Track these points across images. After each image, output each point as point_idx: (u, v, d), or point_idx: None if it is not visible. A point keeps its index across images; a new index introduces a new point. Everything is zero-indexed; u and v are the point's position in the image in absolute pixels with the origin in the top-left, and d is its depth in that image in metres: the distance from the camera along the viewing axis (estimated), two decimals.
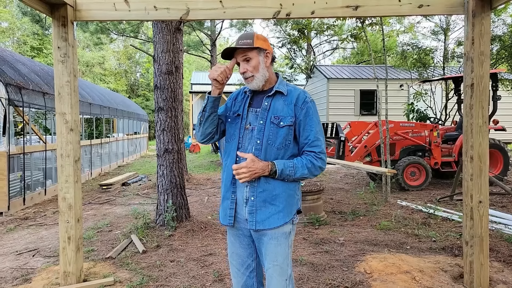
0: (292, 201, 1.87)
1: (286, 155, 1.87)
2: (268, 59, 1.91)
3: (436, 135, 7.43)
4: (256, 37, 1.88)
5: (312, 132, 1.85)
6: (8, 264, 3.88)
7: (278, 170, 1.79)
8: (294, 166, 1.81)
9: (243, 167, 1.78)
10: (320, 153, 1.85)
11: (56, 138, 3.20)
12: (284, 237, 1.84)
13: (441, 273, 3.25)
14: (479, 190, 2.99)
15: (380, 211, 5.46)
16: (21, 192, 6.68)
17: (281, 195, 1.84)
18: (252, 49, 1.87)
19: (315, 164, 1.83)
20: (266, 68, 1.90)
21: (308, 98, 1.90)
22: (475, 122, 2.99)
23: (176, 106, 4.81)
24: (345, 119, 12.10)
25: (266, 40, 1.93)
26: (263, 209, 1.83)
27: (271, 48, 1.94)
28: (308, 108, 1.86)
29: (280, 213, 1.83)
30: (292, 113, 1.86)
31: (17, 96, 6.59)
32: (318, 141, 1.85)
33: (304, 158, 1.84)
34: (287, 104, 1.87)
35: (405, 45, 11.03)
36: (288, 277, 1.85)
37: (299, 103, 1.87)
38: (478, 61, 2.96)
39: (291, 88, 1.93)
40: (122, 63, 36.01)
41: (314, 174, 1.85)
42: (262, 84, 1.91)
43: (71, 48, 3.15)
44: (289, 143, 1.86)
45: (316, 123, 1.88)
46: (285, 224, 1.83)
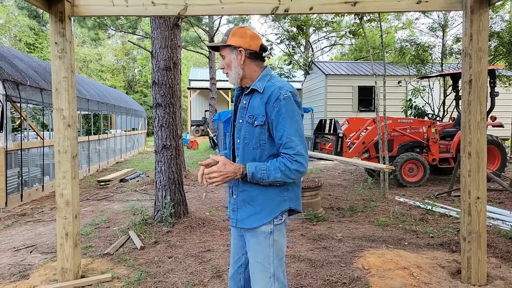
0: (272, 203, 1.81)
1: (264, 155, 1.81)
2: (241, 56, 1.82)
3: (434, 132, 7.44)
4: (232, 34, 1.84)
5: (284, 132, 1.73)
6: (5, 260, 3.87)
7: (248, 173, 1.75)
8: (266, 169, 1.74)
9: (214, 171, 1.76)
10: (295, 155, 1.71)
11: (54, 134, 3.18)
12: (263, 237, 1.82)
13: (439, 269, 3.26)
14: (477, 186, 2.99)
15: (378, 207, 5.47)
16: (19, 188, 6.66)
17: (259, 197, 1.81)
18: (225, 47, 1.85)
19: (290, 167, 1.72)
20: (241, 65, 1.84)
21: (283, 95, 1.74)
22: (473, 119, 2.99)
23: (174, 102, 4.79)
24: (343, 115, 12.10)
25: (245, 36, 1.83)
26: (243, 208, 1.85)
27: (250, 44, 1.83)
28: (281, 106, 1.73)
29: (258, 215, 1.82)
30: (264, 112, 1.77)
31: (14, 92, 6.56)
32: (291, 142, 1.72)
33: (278, 161, 1.75)
34: (262, 102, 1.78)
35: (404, 42, 11.02)
36: (272, 275, 1.82)
37: (271, 101, 1.76)
38: (476, 57, 2.96)
39: (269, 84, 1.81)
40: (120, 59, 35.86)
41: (291, 178, 1.74)
42: (238, 81, 1.88)
43: (69, 43, 3.13)
44: (264, 143, 1.80)
45: (290, 123, 1.73)
46: (263, 225, 1.81)
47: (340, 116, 11.89)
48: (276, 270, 1.83)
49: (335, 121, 7.48)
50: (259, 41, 1.87)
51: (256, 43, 1.85)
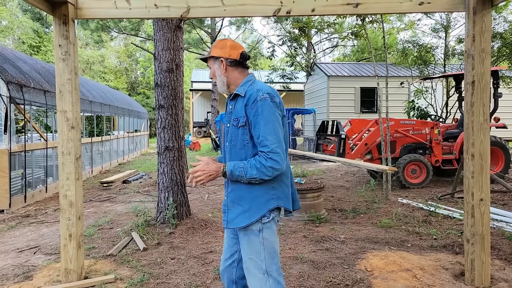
0: (259, 201, 1.90)
1: (249, 155, 1.91)
2: (222, 65, 2.00)
3: (437, 133, 7.42)
4: (214, 46, 2.05)
5: (260, 132, 1.84)
6: (9, 261, 3.89)
7: (227, 171, 1.87)
8: (244, 167, 1.84)
9: (198, 170, 1.90)
10: (270, 153, 1.81)
11: (57, 135, 3.20)
12: (253, 235, 1.91)
13: (442, 270, 3.25)
14: (480, 188, 2.98)
15: (381, 209, 5.46)
16: (22, 190, 6.69)
17: (246, 197, 1.91)
18: (209, 58, 2.06)
19: (265, 164, 1.81)
20: (224, 74, 2.02)
21: (260, 96, 1.87)
22: (476, 120, 2.99)
23: (176, 104, 4.81)
24: (345, 116, 12.09)
25: (225, 47, 2.01)
26: (232, 209, 1.96)
27: (230, 54, 2.00)
28: (258, 107, 1.86)
29: (246, 213, 1.90)
30: (244, 113, 1.90)
31: (18, 94, 6.60)
32: (266, 141, 1.82)
33: (255, 159, 1.85)
34: (243, 105, 1.92)
35: (406, 43, 10.99)
36: (265, 272, 1.90)
37: (250, 103, 1.89)
38: (479, 58, 2.96)
39: (250, 88, 1.94)
40: (123, 61, 35.98)
41: (267, 175, 1.83)
42: (224, 88, 2.06)
43: (72, 46, 3.14)
44: (247, 143, 1.92)
45: (265, 122, 1.84)
46: (252, 224, 1.90)
47: (342, 117, 11.87)
48: (268, 266, 1.91)
49: (337, 123, 7.47)
50: (239, 50, 2.03)
51: (235, 52, 2.01)
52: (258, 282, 1.90)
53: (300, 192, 5.06)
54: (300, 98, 22.67)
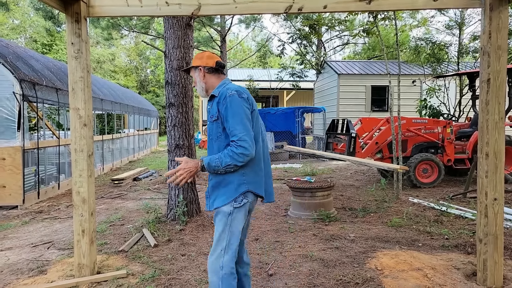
0: (232, 186, 2.16)
1: (222, 146, 2.17)
2: (201, 72, 2.32)
3: (449, 132, 7.31)
4: (194, 58, 2.37)
5: (229, 123, 2.10)
6: (24, 256, 3.97)
7: (204, 164, 2.13)
8: (219, 158, 2.10)
9: (179, 169, 2.15)
10: (239, 141, 2.05)
11: (70, 133, 3.24)
12: (223, 215, 2.17)
13: (454, 270, 3.21)
14: (494, 187, 2.94)
15: (391, 208, 5.41)
16: (36, 186, 6.80)
17: (221, 183, 2.18)
18: (191, 68, 2.39)
19: (235, 151, 2.05)
20: (203, 80, 2.33)
21: (229, 93, 2.14)
22: (491, 118, 2.94)
23: (186, 102, 4.83)
24: (355, 115, 11.99)
25: (202, 57, 2.34)
26: (212, 194, 2.24)
27: (207, 62, 2.31)
28: (227, 102, 2.12)
29: (222, 197, 2.17)
30: (217, 109, 2.18)
31: (31, 92, 6.70)
32: (235, 130, 2.07)
33: (227, 149, 2.10)
34: (216, 103, 2.19)
35: (419, 40, 10.83)
36: (224, 249, 2.16)
37: (221, 100, 2.16)
38: (495, 55, 2.90)
39: (222, 88, 2.23)
40: (133, 60, 36.26)
41: (239, 161, 2.07)
42: (204, 93, 2.37)
43: (84, 44, 3.18)
44: (220, 135, 2.18)
45: (233, 114, 2.10)
46: (225, 205, 2.16)
47: (352, 116, 11.78)
48: (228, 245, 2.16)
49: (347, 121, 7.42)
50: (215, 59, 2.35)
51: (212, 61, 2.33)
52: (216, 256, 2.18)
53: (310, 190, 5.04)
54: (310, 97, 22.58)
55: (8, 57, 6.56)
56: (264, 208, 5.69)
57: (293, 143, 13.05)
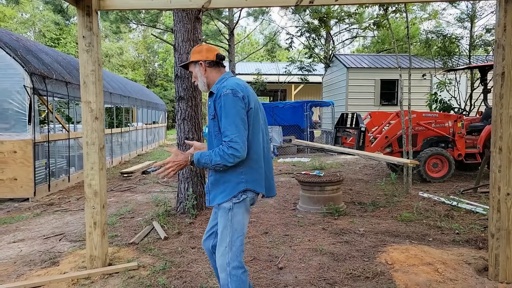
0: (231, 184, 2.16)
1: (220, 143, 2.13)
2: (202, 67, 2.27)
3: (460, 126, 7.22)
4: (192, 53, 2.32)
5: (223, 123, 2.09)
6: (36, 247, 4.03)
7: (194, 160, 2.12)
8: (209, 155, 2.08)
9: (168, 162, 2.14)
10: (230, 142, 2.03)
11: (82, 126, 3.27)
12: (224, 212, 2.18)
13: (465, 265, 3.19)
14: (507, 182, 2.90)
15: (401, 203, 5.38)
16: (46, 179, 6.89)
17: (220, 180, 2.18)
18: (191, 63, 2.33)
19: (226, 151, 2.04)
20: (204, 75, 2.28)
21: (224, 92, 2.10)
22: (505, 112, 2.89)
23: (196, 96, 4.83)
24: (364, 109, 11.89)
25: (201, 51, 2.28)
26: (212, 190, 2.24)
27: (207, 56, 2.26)
28: (222, 102, 2.10)
29: (222, 194, 2.18)
30: (214, 107, 2.16)
31: (41, 85, 6.76)
32: (227, 131, 2.05)
33: (218, 147, 2.09)
34: (213, 101, 2.18)
35: (430, 33, 10.65)
36: (228, 245, 2.16)
37: (217, 98, 2.14)
38: (510, 48, 2.85)
39: (220, 85, 2.19)
40: (141, 53, 36.33)
41: (229, 161, 2.05)
42: (205, 88, 2.32)
43: (96, 37, 3.19)
44: (217, 133, 2.16)
45: (226, 115, 2.07)
46: (225, 202, 2.17)
47: (361, 110, 11.68)
48: (232, 241, 2.16)
49: (357, 115, 7.36)
50: (214, 52, 2.30)
51: (212, 54, 2.28)
52: (221, 252, 2.18)
53: (319, 184, 5.03)
54: (318, 91, 22.44)
55: (19, 50, 6.62)
56: (272, 202, 5.70)
57: (301, 137, 13.01)
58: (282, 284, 2.98)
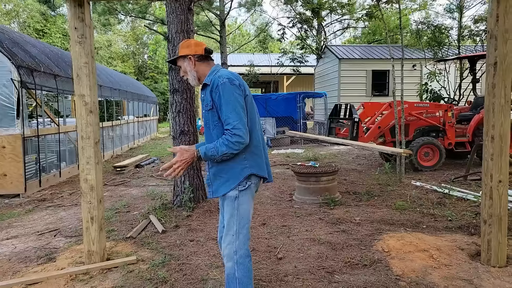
0: (235, 171, 2.17)
1: (220, 133, 2.15)
2: (191, 61, 2.27)
3: (450, 116, 7.32)
4: (180, 47, 2.31)
5: (223, 112, 2.09)
6: (31, 244, 3.99)
7: (201, 154, 2.12)
8: (215, 147, 2.09)
9: (176, 161, 2.13)
10: (233, 129, 2.04)
11: (76, 120, 3.23)
12: (230, 201, 2.19)
13: (458, 251, 3.27)
14: (499, 169, 2.97)
15: (395, 192, 5.46)
16: (37, 174, 6.79)
17: (224, 169, 2.19)
18: (178, 58, 2.32)
19: (231, 140, 2.05)
20: (193, 69, 2.28)
21: (220, 81, 2.11)
22: (497, 102, 2.94)
23: (191, 88, 4.80)
24: (356, 100, 11.96)
25: (190, 46, 2.28)
26: (214, 181, 2.24)
27: (196, 50, 2.26)
28: (220, 91, 2.10)
29: (226, 183, 2.18)
30: (210, 98, 2.16)
31: (29, 78, 6.61)
32: (229, 119, 2.06)
33: (222, 138, 2.10)
34: (209, 92, 2.17)
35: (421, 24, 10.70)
36: (235, 233, 2.17)
37: (214, 88, 2.14)
38: (502, 39, 2.89)
39: (213, 76, 2.19)
40: (130, 45, 35.78)
41: (235, 149, 2.07)
42: (196, 82, 2.32)
43: (88, 28, 3.14)
44: (217, 123, 2.16)
45: (227, 102, 2.08)
46: (231, 190, 2.17)
47: (353, 101, 11.74)
48: (239, 229, 2.18)
49: (351, 106, 7.41)
50: (202, 46, 2.31)
51: (200, 48, 2.28)
52: (228, 241, 2.19)
53: (315, 175, 5.07)
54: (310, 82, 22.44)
55: (4, 42, 6.45)
56: (268, 193, 5.74)
57: (294, 129, 13.05)
58: (282, 274, 3.02)
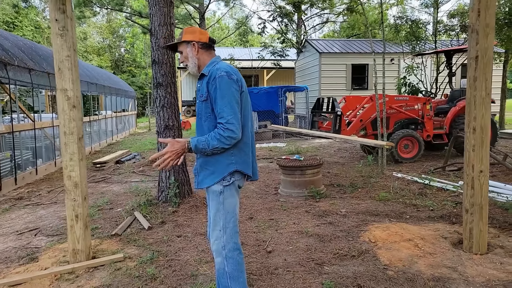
0: (221, 165, 2.14)
1: (211, 126, 2.13)
2: (194, 48, 2.23)
3: (429, 108, 7.53)
4: (184, 32, 2.27)
5: (218, 105, 2.06)
6: (10, 244, 3.85)
7: (192, 146, 2.08)
8: (206, 140, 2.06)
9: (166, 152, 2.08)
10: (227, 124, 2.02)
11: (58, 115, 3.12)
12: (215, 195, 2.17)
13: (441, 240, 3.38)
14: (480, 160, 3.07)
15: (378, 183, 5.57)
16: (12, 172, 6.55)
17: (210, 161, 2.16)
18: (181, 43, 2.27)
19: (223, 134, 2.03)
20: (195, 56, 2.24)
21: (218, 74, 2.09)
22: (478, 94, 3.04)
23: (175, 82, 4.71)
24: (336, 94, 12.08)
25: (195, 32, 2.25)
26: (201, 172, 2.22)
27: (200, 37, 2.23)
28: (216, 83, 2.07)
29: (211, 175, 2.16)
30: (206, 89, 2.13)
31: (2, 72, 6.34)
32: (223, 113, 2.04)
33: (214, 131, 2.07)
34: (206, 83, 2.14)
35: (399, 19, 10.90)
36: (222, 228, 2.16)
37: (211, 80, 2.11)
38: (483, 33, 2.98)
39: (212, 68, 2.16)
40: (106, 38, 34.81)
41: (226, 144, 2.05)
42: (196, 69, 2.27)
43: (70, 20, 3.03)
44: (209, 115, 2.14)
45: (222, 96, 2.05)
46: (214, 184, 2.15)
47: (334, 94, 11.85)
48: (225, 223, 2.17)
49: (333, 99, 7.49)
50: (207, 35, 2.29)
51: (205, 36, 2.26)
52: (216, 236, 2.18)
53: (300, 168, 5.11)
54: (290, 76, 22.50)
55: None
56: (254, 187, 5.74)
57: (276, 122, 13.09)
58: (273, 267, 3.03)
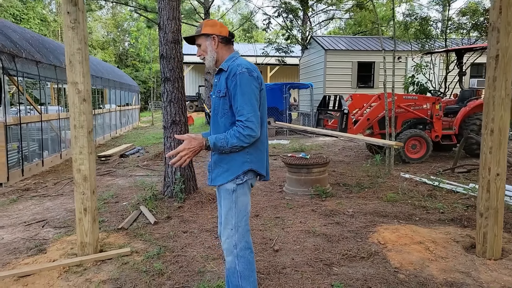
0: (236, 163, 2.10)
1: (228, 123, 2.10)
2: (214, 41, 2.17)
3: (438, 108, 7.43)
4: (205, 25, 2.20)
5: (238, 102, 2.02)
6: (19, 234, 3.85)
7: (210, 144, 2.02)
8: (225, 138, 2.02)
9: (183, 149, 2.01)
10: (246, 121, 1.98)
11: (69, 108, 3.08)
12: (227, 193, 2.14)
13: (453, 243, 3.32)
14: (497, 163, 3.00)
15: (385, 184, 5.50)
16: (19, 163, 6.55)
17: (225, 159, 2.12)
18: (200, 36, 2.20)
19: (242, 133, 1.99)
20: (215, 50, 2.18)
21: (239, 70, 2.04)
22: (497, 95, 2.96)
23: (182, 77, 4.66)
24: (342, 91, 11.99)
25: (215, 25, 2.19)
26: (215, 169, 2.18)
27: (220, 31, 2.18)
28: (236, 80, 2.03)
29: (225, 173, 2.13)
30: (225, 85, 2.09)
31: (11, 64, 6.32)
32: (243, 110, 2.00)
33: (233, 129, 2.02)
34: (225, 78, 2.10)
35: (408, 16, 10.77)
36: (233, 227, 2.14)
37: (231, 76, 2.06)
38: (504, 31, 2.89)
39: (232, 63, 2.12)
40: (110, 32, 34.74)
41: (245, 142, 2.02)
42: (213, 64, 2.21)
43: (81, 13, 2.98)
44: (227, 111, 2.10)
45: (243, 93, 2.01)
46: (228, 182, 2.12)
47: (339, 92, 11.78)
48: (237, 222, 2.14)
49: (340, 97, 7.41)
50: (227, 29, 2.24)
51: (225, 30, 2.21)
52: (227, 235, 2.16)
53: (307, 167, 5.06)
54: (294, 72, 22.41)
55: None
56: (259, 185, 5.70)
57: (280, 119, 13.02)
58: (280, 266, 2.99)
